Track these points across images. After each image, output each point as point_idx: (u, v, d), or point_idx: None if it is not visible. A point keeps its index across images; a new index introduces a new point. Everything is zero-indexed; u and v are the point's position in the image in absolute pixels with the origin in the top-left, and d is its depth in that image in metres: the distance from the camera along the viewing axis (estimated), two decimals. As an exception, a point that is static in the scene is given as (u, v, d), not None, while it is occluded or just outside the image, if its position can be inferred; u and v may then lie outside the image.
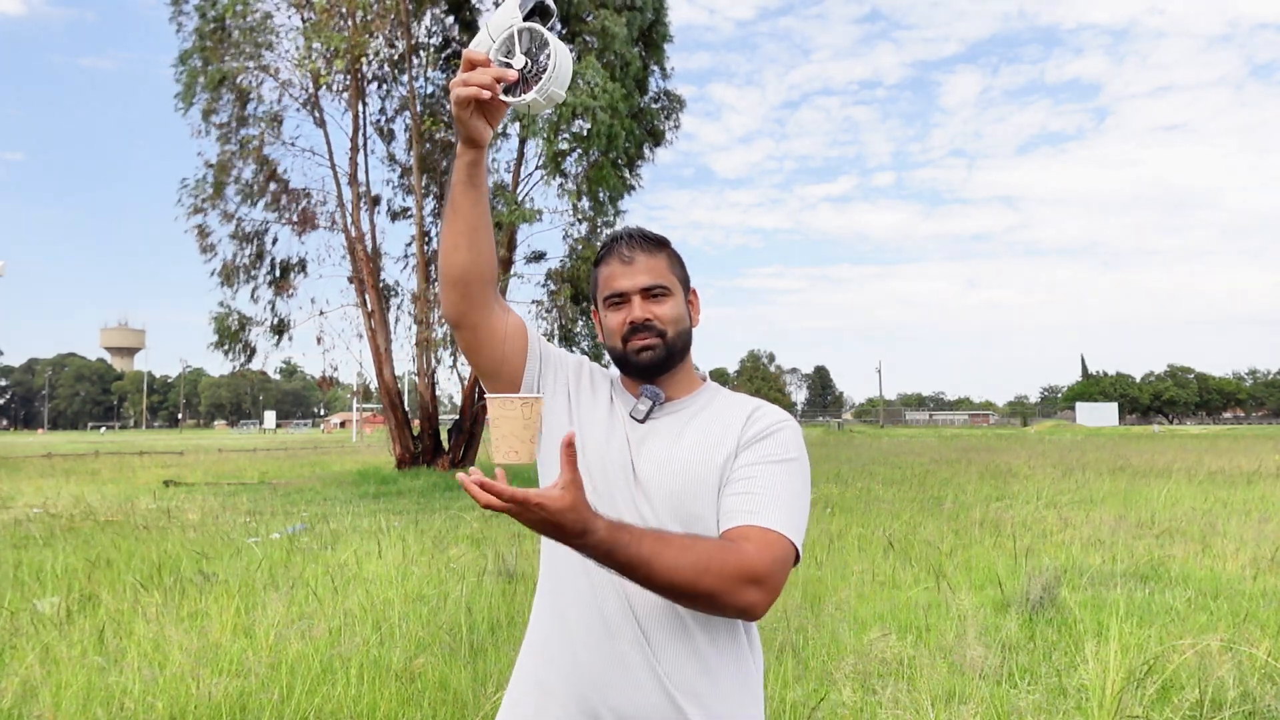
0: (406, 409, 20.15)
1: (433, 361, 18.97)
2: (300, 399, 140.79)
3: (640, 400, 1.47)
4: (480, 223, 1.39)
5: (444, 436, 19.63)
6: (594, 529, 1.13)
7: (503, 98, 1.31)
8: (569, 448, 1.11)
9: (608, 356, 1.57)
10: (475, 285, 1.41)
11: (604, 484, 1.44)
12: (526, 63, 1.32)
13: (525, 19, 1.35)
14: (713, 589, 1.23)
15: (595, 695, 1.38)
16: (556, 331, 20.08)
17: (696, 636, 1.38)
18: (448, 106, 19.61)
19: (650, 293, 1.47)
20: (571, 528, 1.12)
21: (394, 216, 20.87)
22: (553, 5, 1.37)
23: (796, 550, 1.33)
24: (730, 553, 1.26)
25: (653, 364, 1.47)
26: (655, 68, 19.70)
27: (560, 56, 1.31)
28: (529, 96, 1.31)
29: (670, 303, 1.48)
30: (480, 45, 1.36)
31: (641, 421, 1.47)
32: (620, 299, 1.48)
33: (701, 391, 1.54)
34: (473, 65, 1.30)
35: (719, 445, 1.43)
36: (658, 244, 1.52)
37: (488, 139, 1.35)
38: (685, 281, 1.55)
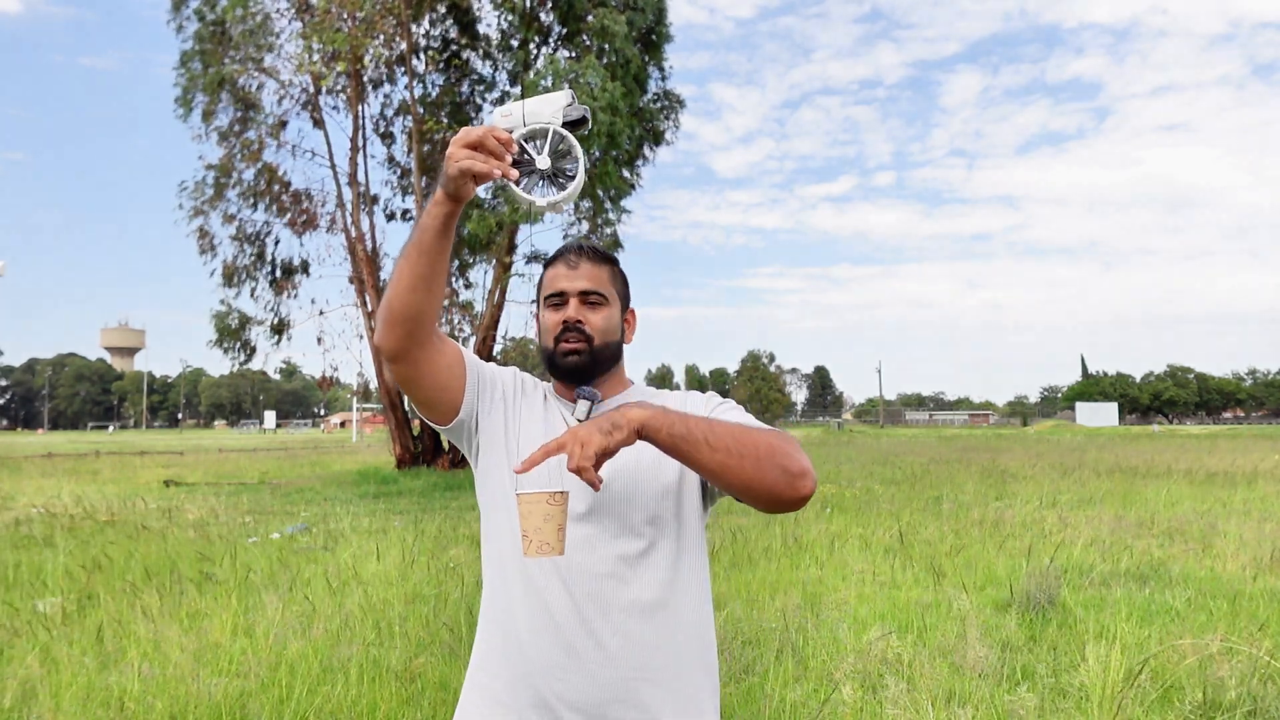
0: (407, 409, 20.13)
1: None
2: (300, 399, 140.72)
3: (579, 402, 1.49)
4: (441, 268, 1.43)
5: (444, 436, 19.59)
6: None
7: (512, 186, 1.33)
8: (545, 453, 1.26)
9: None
10: (422, 324, 1.44)
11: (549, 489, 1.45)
12: (549, 165, 1.36)
13: (564, 124, 1.37)
14: (772, 444, 1.32)
15: (544, 686, 1.40)
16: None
17: (644, 619, 1.40)
18: (447, 108, 19.63)
19: (588, 298, 1.52)
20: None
21: (393, 217, 20.91)
22: (590, 119, 1.41)
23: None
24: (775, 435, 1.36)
25: (576, 368, 1.51)
26: (655, 69, 19.70)
27: (580, 179, 1.36)
28: (540, 201, 1.36)
29: (604, 313, 1.53)
30: (508, 120, 1.37)
31: (583, 422, 1.48)
32: (559, 299, 1.54)
33: (633, 390, 1.59)
34: (491, 136, 1.30)
35: None
36: (604, 258, 1.58)
37: (469, 197, 1.37)
38: (625, 299, 1.61)
